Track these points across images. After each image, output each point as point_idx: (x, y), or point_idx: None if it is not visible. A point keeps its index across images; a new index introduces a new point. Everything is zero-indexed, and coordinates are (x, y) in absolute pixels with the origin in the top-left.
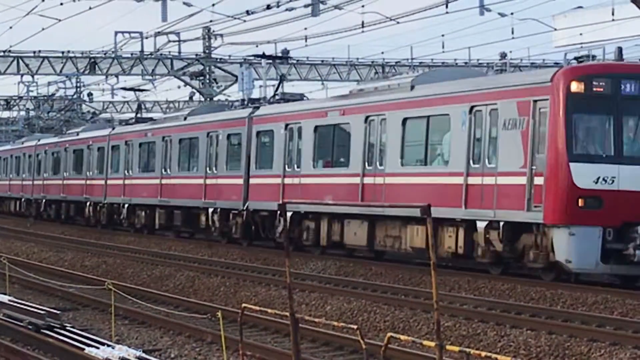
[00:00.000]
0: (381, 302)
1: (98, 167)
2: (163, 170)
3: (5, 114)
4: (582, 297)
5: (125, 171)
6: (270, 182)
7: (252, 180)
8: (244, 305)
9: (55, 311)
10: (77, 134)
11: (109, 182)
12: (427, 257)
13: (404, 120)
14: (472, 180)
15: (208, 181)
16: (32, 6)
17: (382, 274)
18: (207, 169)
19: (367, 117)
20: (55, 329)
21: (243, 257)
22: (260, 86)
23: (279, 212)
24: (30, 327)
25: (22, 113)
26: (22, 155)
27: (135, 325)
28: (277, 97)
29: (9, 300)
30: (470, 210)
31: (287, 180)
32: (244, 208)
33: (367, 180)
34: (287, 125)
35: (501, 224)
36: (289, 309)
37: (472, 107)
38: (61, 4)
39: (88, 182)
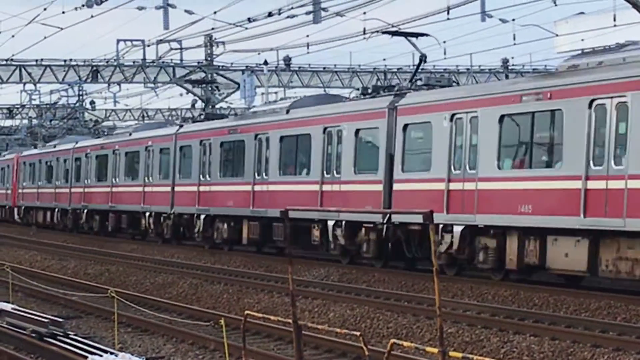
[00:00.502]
0: (384, 308)
1: (162, 171)
2: (256, 174)
3: (8, 123)
4: (586, 302)
5: (201, 176)
6: (426, 187)
7: (396, 186)
8: (247, 312)
9: (58, 319)
10: (130, 134)
11: (177, 189)
12: None
13: None
14: None
15: (325, 187)
16: (34, 15)
17: (385, 281)
18: (325, 172)
19: (591, 102)
20: (59, 337)
21: (246, 265)
22: (262, 93)
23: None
24: (33, 335)
25: (25, 121)
26: (56, 159)
27: (138, 333)
28: (417, 83)
29: (12, 309)
30: None
31: (454, 186)
32: (385, 221)
33: (594, 184)
34: (453, 115)
35: None
36: (292, 315)
37: None
38: (63, 12)
39: (147, 189)
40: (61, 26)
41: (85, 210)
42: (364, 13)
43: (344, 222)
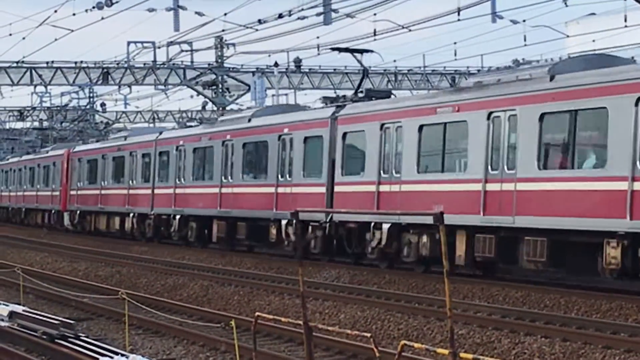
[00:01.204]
0: (395, 310)
1: (309, 166)
2: (489, 168)
3: (19, 125)
4: (597, 304)
5: (382, 172)
6: None
7: None
8: (257, 314)
9: (69, 321)
10: (249, 120)
11: (338, 189)
12: None
13: None
14: None
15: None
16: (45, 17)
17: (396, 282)
18: (638, 164)
19: None
20: (70, 339)
21: (257, 266)
22: (273, 95)
23: None
24: (44, 337)
25: (36, 124)
26: (129, 154)
27: (149, 335)
28: None
29: (23, 310)
30: None
31: None
32: None
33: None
34: None
35: None
36: (302, 317)
37: None
38: (74, 14)
39: (281, 190)
40: (72, 28)
41: (180, 216)
42: (375, 14)
43: None
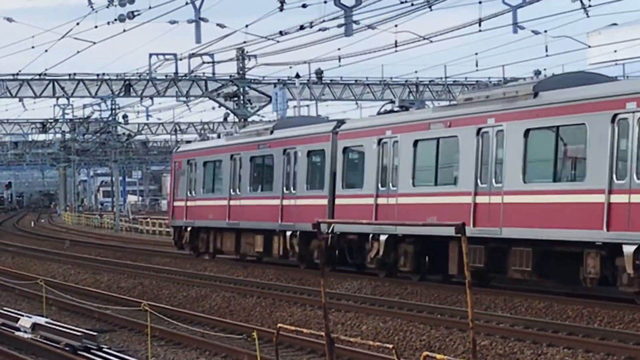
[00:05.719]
0: (417, 321)
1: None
2: None
3: (42, 137)
4: (619, 315)
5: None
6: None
7: None
8: (279, 325)
9: (92, 332)
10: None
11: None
12: None
13: None
14: None
15: None
16: (67, 29)
17: (418, 293)
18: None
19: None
20: (92, 351)
21: (279, 278)
22: (295, 106)
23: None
24: (67, 348)
25: (58, 136)
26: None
27: (172, 346)
28: None
29: (46, 322)
30: None
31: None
32: None
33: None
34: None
35: None
36: (324, 328)
37: None
38: (96, 27)
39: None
40: (94, 40)
41: None
42: (396, 26)
43: None
